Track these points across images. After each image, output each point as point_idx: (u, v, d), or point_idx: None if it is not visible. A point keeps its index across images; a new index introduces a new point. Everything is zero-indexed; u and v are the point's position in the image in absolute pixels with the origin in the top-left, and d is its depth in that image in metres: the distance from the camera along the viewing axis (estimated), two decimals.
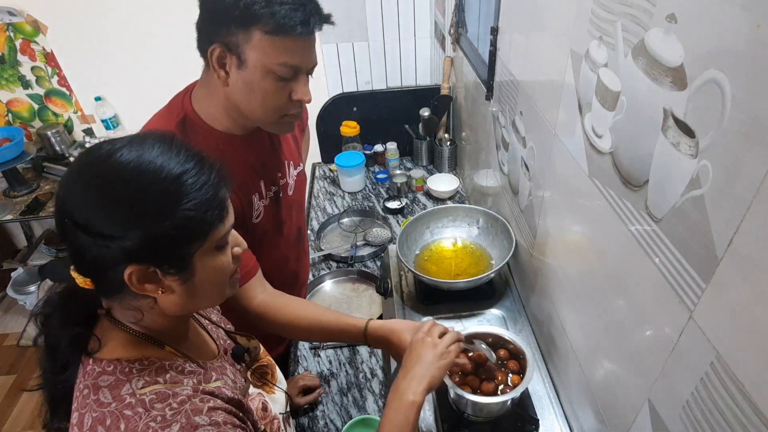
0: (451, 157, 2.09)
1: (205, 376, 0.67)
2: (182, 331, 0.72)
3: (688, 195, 0.54)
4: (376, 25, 2.23)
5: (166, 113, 0.95)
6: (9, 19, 2.33)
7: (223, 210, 0.60)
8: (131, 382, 0.59)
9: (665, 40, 0.56)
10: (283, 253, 1.19)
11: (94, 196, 0.54)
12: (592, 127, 0.77)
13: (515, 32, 1.16)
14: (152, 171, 0.55)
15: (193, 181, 0.56)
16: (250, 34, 0.80)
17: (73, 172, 0.56)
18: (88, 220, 0.53)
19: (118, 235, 0.53)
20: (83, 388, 0.60)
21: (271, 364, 0.90)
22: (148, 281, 0.57)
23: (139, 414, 0.56)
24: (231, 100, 0.90)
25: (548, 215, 1.04)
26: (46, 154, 2.64)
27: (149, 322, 0.64)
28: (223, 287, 0.67)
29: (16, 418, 2.36)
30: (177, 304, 0.62)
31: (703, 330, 0.53)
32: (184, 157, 0.57)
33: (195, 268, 0.60)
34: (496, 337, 1.00)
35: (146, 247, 0.54)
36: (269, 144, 1.07)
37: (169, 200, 0.55)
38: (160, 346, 0.65)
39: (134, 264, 0.55)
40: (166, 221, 0.54)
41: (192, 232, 0.57)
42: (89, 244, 0.54)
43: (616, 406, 0.78)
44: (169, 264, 0.57)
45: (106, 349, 0.62)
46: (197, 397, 0.60)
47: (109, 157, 0.55)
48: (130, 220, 0.54)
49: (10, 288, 2.84)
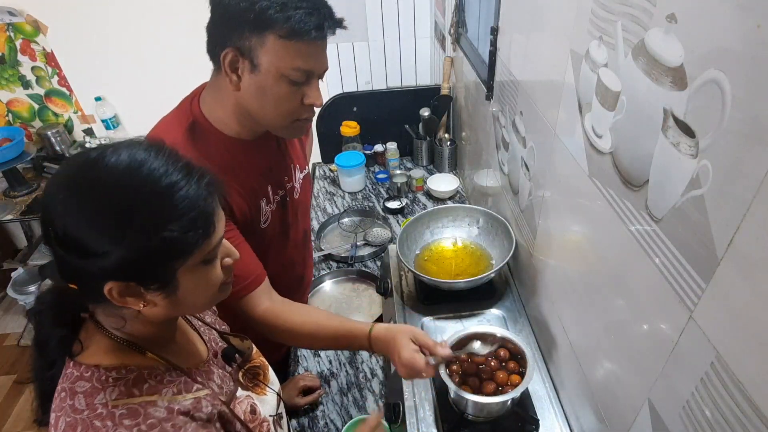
0: (451, 157, 2.09)
1: (185, 385, 0.66)
2: (167, 335, 0.71)
3: (688, 195, 0.54)
4: (376, 25, 2.23)
5: (175, 118, 0.94)
6: (9, 19, 2.33)
7: (209, 226, 0.58)
8: (105, 391, 0.58)
9: (665, 40, 0.56)
10: (289, 257, 1.19)
11: (75, 207, 0.52)
12: (592, 127, 0.77)
13: (515, 32, 1.16)
14: (137, 185, 0.53)
15: (181, 195, 0.54)
16: (264, 39, 0.80)
17: (58, 176, 0.55)
18: (67, 231, 0.52)
19: (98, 252, 0.51)
20: (61, 390, 0.60)
21: (263, 364, 0.89)
22: (129, 295, 0.56)
23: (107, 427, 0.55)
24: (242, 104, 0.89)
25: (548, 215, 1.04)
26: (46, 154, 2.64)
27: (132, 329, 0.63)
28: (210, 297, 0.66)
29: (16, 418, 2.36)
30: (161, 314, 0.61)
31: (703, 330, 0.53)
32: (172, 168, 0.55)
33: (179, 283, 0.58)
34: (496, 337, 1.00)
35: (126, 266, 0.53)
36: (277, 148, 1.07)
37: (152, 220, 0.53)
38: (142, 352, 0.64)
39: (114, 281, 0.54)
40: (148, 242, 0.52)
41: (175, 251, 0.56)
42: (68, 255, 0.53)
43: (616, 406, 0.78)
44: (151, 279, 0.56)
45: (87, 353, 0.62)
46: (169, 422, 0.59)
47: (95, 165, 0.53)
48: (111, 238, 0.52)
49: (10, 288, 2.84)
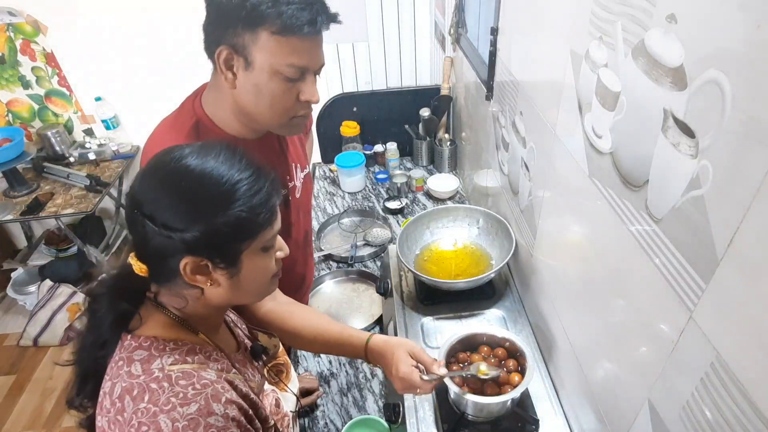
0: (451, 157, 2.09)
1: (227, 366, 0.72)
2: (217, 322, 0.78)
3: (688, 195, 0.54)
4: (376, 25, 2.23)
5: (178, 118, 0.94)
6: (9, 19, 2.33)
7: (272, 215, 0.67)
8: (162, 358, 0.64)
9: (665, 41, 0.56)
10: (291, 257, 1.18)
11: (163, 193, 0.61)
12: (592, 127, 0.77)
13: (515, 32, 1.16)
14: (214, 176, 0.61)
15: (248, 187, 0.63)
16: (257, 35, 0.80)
17: (146, 171, 0.64)
18: (156, 212, 0.60)
19: (180, 227, 0.60)
20: (118, 359, 0.65)
21: (287, 363, 0.92)
22: (200, 273, 0.64)
23: (163, 388, 0.61)
24: (239, 102, 0.89)
25: (548, 215, 1.04)
26: (46, 155, 2.64)
27: (191, 310, 0.70)
28: (264, 285, 0.73)
29: (16, 418, 2.35)
30: (221, 297, 0.69)
31: (703, 330, 0.53)
32: (245, 166, 0.64)
33: (242, 265, 0.66)
34: (495, 337, 1.00)
35: (202, 241, 0.61)
36: (278, 147, 1.07)
37: (225, 201, 0.61)
38: (195, 332, 0.71)
39: (190, 255, 0.61)
40: (222, 219, 0.61)
41: (244, 230, 0.64)
42: (154, 233, 0.60)
43: (616, 406, 0.78)
44: (220, 258, 0.64)
45: (145, 327, 0.68)
46: (219, 383, 0.65)
47: (178, 161, 0.62)
48: (191, 216, 0.60)
49: (10, 288, 2.85)
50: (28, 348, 2.69)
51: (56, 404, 2.40)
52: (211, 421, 0.59)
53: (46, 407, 2.39)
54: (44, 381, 2.52)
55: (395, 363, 0.89)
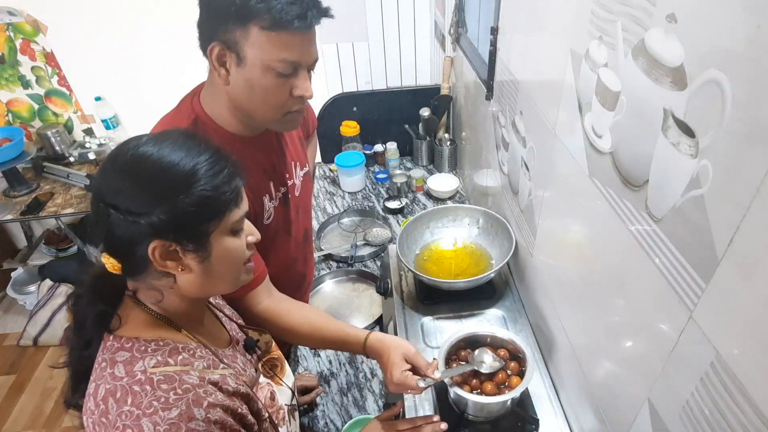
0: (451, 157, 2.09)
1: (213, 363, 0.71)
2: (198, 316, 0.77)
3: (688, 195, 0.54)
4: (376, 25, 2.23)
5: (177, 116, 0.94)
6: (9, 19, 2.33)
7: (238, 196, 0.67)
8: (144, 359, 0.64)
9: (665, 40, 0.56)
10: (291, 255, 1.19)
11: (124, 180, 0.62)
12: (592, 127, 0.77)
13: (515, 32, 1.16)
14: (173, 159, 0.62)
15: (209, 167, 0.63)
16: (248, 31, 0.80)
17: (106, 164, 0.64)
18: (119, 200, 0.61)
19: (144, 211, 0.60)
20: (101, 361, 0.65)
21: (280, 357, 0.93)
22: (169, 258, 0.64)
23: (146, 391, 0.61)
24: (233, 99, 0.89)
25: (548, 215, 1.04)
26: (46, 154, 2.64)
27: (168, 303, 0.70)
28: (237, 272, 0.72)
29: (16, 418, 2.36)
30: (194, 284, 0.68)
31: (703, 330, 0.53)
32: (204, 149, 0.65)
33: (212, 248, 0.66)
34: (495, 337, 1.00)
35: (169, 223, 0.61)
36: (277, 145, 1.07)
37: (187, 181, 0.62)
38: (177, 329, 0.71)
39: (157, 239, 0.61)
40: (186, 199, 0.62)
41: (209, 210, 0.64)
42: (119, 221, 0.61)
43: (616, 406, 0.78)
44: (188, 239, 0.64)
45: (126, 327, 0.68)
46: (201, 388, 0.64)
47: (136, 149, 0.63)
48: (154, 199, 0.61)
49: (10, 288, 2.85)
50: (28, 348, 2.69)
51: (56, 404, 2.40)
52: (191, 426, 0.60)
53: (46, 407, 2.39)
54: (44, 381, 2.52)
55: (390, 367, 0.91)
